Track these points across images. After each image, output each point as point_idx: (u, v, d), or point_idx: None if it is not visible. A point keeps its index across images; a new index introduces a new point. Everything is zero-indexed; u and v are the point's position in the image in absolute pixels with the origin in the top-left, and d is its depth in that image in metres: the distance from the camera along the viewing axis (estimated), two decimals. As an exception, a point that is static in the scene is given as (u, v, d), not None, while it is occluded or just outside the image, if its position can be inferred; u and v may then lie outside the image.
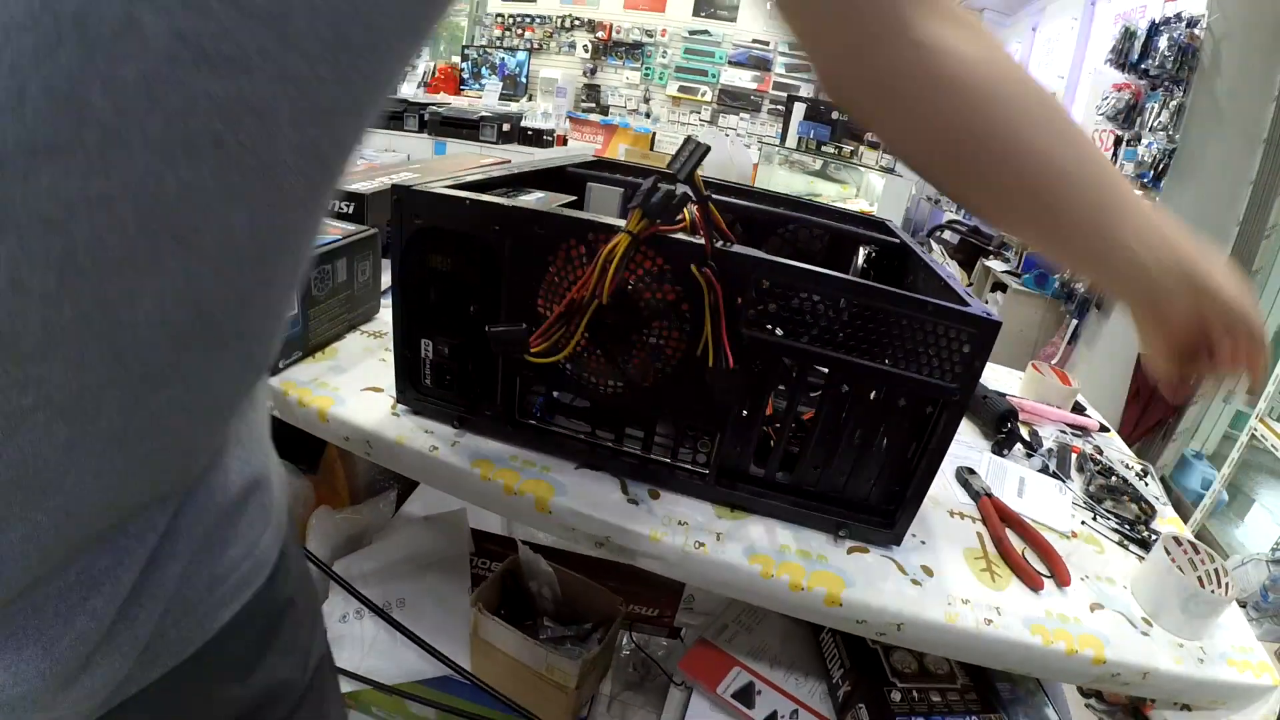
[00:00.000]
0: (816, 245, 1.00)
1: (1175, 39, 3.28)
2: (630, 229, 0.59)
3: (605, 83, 8.53)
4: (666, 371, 0.69)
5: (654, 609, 1.22)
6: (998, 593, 0.75)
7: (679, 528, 0.71)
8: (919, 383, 0.65)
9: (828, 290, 0.64)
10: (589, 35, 8.33)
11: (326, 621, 1.25)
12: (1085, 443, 1.18)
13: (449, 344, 0.76)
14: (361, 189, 1.11)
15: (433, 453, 0.76)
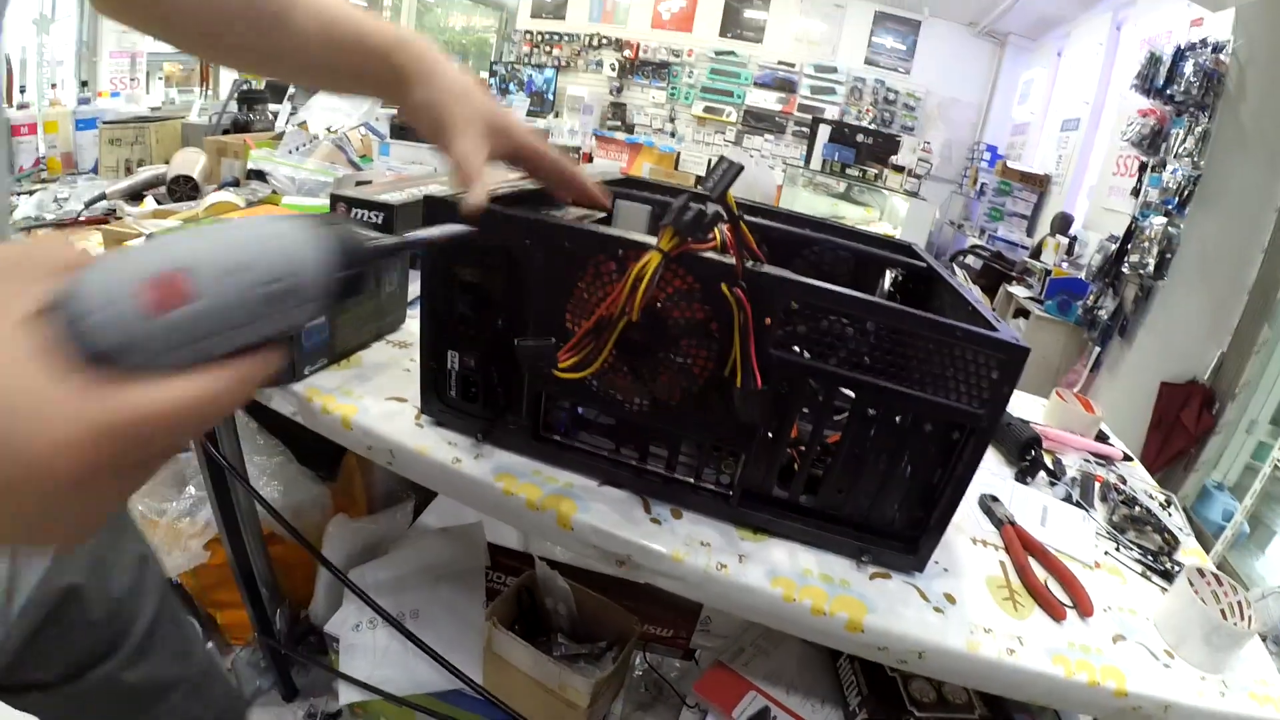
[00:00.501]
0: (842, 268, 1.00)
1: (1201, 64, 3.27)
2: (662, 247, 0.59)
3: (631, 101, 8.60)
4: (693, 390, 0.69)
5: (669, 629, 1.21)
6: (1020, 622, 0.74)
7: (701, 548, 0.71)
8: (946, 408, 0.65)
9: (857, 313, 0.64)
10: (616, 54, 8.41)
11: (340, 630, 1.26)
12: (1109, 472, 1.17)
13: (475, 356, 0.76)
14: (390, 199, 1.11)
15: (456, 465, 0.76)
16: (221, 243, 0.33)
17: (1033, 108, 7.08)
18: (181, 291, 0.30)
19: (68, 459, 0.27)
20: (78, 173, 2.35)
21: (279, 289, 0.34)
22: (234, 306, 0.32)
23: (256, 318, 0.33)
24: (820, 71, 7.97)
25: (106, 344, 0.29)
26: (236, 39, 0.64)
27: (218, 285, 0.31)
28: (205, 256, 0.32)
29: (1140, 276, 3.49)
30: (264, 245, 0.34)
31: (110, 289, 0.29)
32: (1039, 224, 6.05)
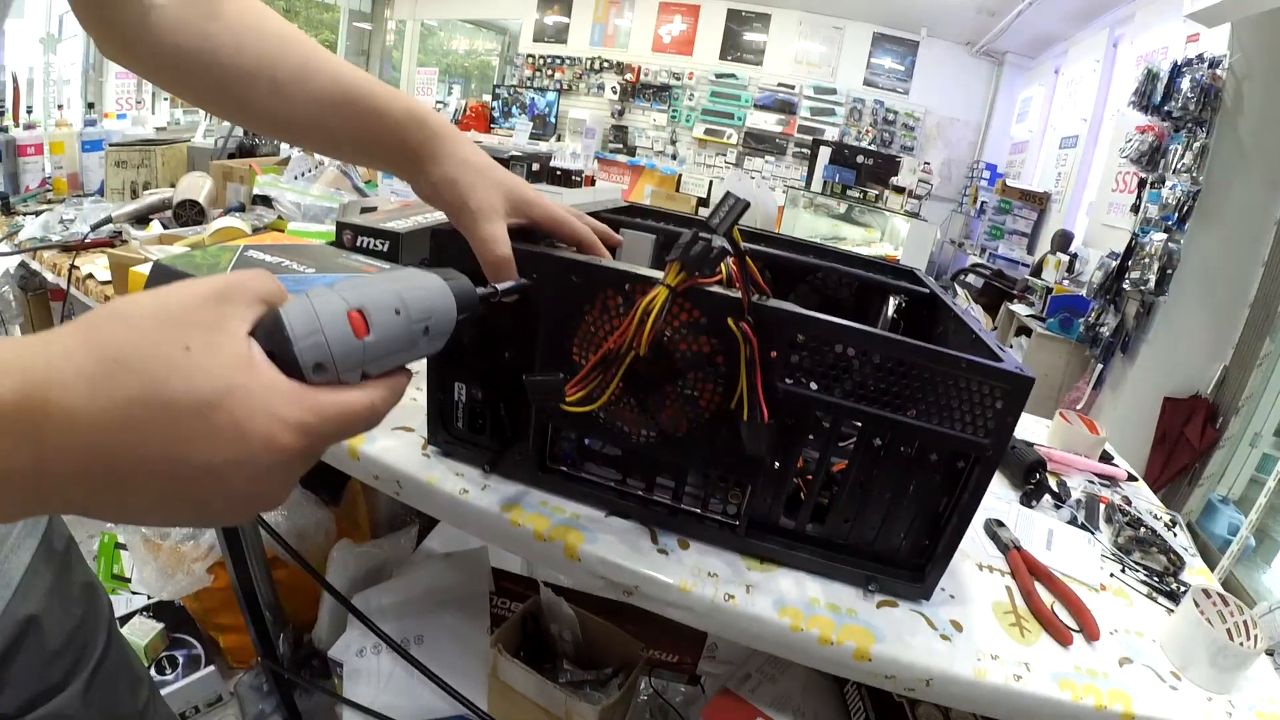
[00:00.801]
0: (845, 293, 1.00)
1: (1198, 80, 3.29)
2: (669, 282, 0.59)
3: (633, 124, 8.68)
4: (699, 422, 0.69)
5: (675, 655, 1.21)
6: (1026, 648, 0.74)
7: (708, 579, 0.71)
8: (952, 438, 0.65)
9: (862, 345, 0.65)
10: (617, 77, 8.49)
11: (343, 655, 1.26)
12: (1113, 493, 1.17)
13: (482, 388, 0.77)
14: (396, 228, 1.12)
15: (463, 495, 0.76)
16: (387, 290, 0.42)
17: (1031, 126, 7.12)
18: (363, 326, 0.40)
19: (288, 438, 0.35)
20: (83, 194, 2.36)
21: (422, 327, 0.44)
22: (396, 338, 0.42)
23: (408, 347, 0.44)
24: (820, 93, 8.05)
25: (313, 362, 0.37)
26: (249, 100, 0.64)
27: (385, 322, 0.41)
28: (378, 300, 0.41)
29: (1141, 293, 3.50)
30: (414, 293, 0.44)
31: (319, 320, 0.38)
32: (1039, 241, 6.07)
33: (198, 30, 0.60)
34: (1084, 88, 5.85)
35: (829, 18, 7.90)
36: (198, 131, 3.16)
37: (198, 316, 0.35)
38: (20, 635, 0.55)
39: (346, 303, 0.39)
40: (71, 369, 0.31)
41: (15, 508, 0.32)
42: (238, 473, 0.34)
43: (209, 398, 0.33)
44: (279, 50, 0.63)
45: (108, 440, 0.31)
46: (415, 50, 10.17)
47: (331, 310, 0.38)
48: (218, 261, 0.93)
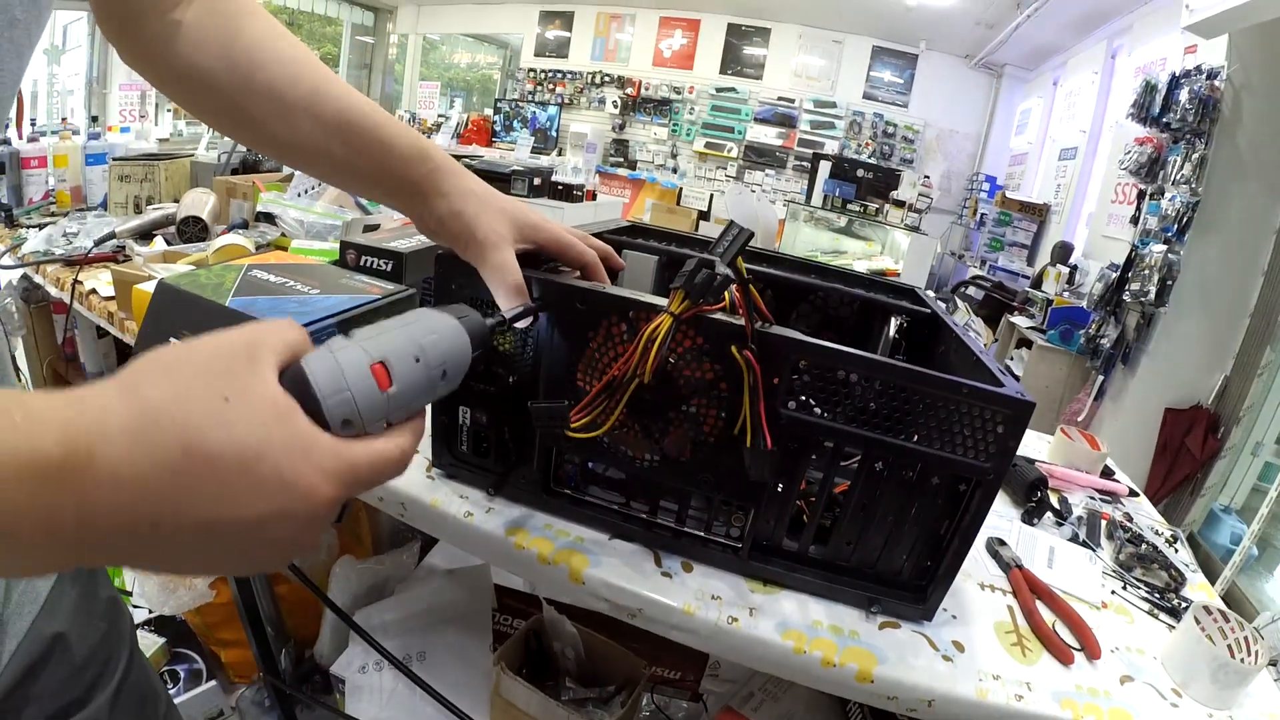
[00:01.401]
0: (846, 312, 1.01)
1: (1196, 91, 3.30)
2: (673, 310, 0.60)
3: (634, 138, 8.72)
4: (703, 447, 0.70)
5: (678, 671, 1.21)
6: (1028, 668, 0.74)
7: (712, 602, 0.72)
8: (953, 462, 0.66)
9: (865, 371, 0.65)
10: (618, 91, 8.54)
11: (346, 671, 1.26)
12: (1115, 509, 1.17)
13: (486, 412, 0.77)
14: (399, 248, 1.13)
15: (467, 518, 0.76)
16: (406, 338, 0.43)
17: (1030, 138, 7.14)
18: (386, 378, 0.41)
19: (328, 488, 0.36)
20: (87, 207, 2.36)
21: (440, 371, 0.46)
22: (417, 386, 0.43)
23: (427, 392, 0.45)
24: (820, 106, 8.08)
25: (341, 418, 0.38)
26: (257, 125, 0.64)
27: (406, 371, 0.42)
28: (398, 351, 0.42)
29: (1142, 304, 3.50)
30: (431, 338, 0.45)
31: (344, 377, 0.39)
32: (1039, 253, 6.08)
33: (215, 50, 0.61)
34: (1082, 99, 5.88)
35: (828, 32, 7.94)
36: (200, 144, 3.18)
37: (233, 367, 0.36)
38: (47, 651, 0.55)
39: (369, 355, 0.40)
40: (113, 422, 0.31)
41: (60, 560, 0.32)
42: (281, 523, 0.35)
43: (253, 449, 0.34)
44: (291, 76, 0.63)
45: (152, 495, 0.32)
46: (417, 64, 10.21)
47: (356, 366, 0.39)
48: (222, 281, 0.94)
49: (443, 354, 0.46)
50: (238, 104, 0.63)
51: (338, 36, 9.55)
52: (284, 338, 0.39)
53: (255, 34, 0.63)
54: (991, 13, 6.28)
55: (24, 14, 0.45)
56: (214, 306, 0.88)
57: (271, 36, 0.64)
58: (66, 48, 6.06)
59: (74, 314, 1.63)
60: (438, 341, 0.45)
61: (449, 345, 0.47)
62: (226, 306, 0.87)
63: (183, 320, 0.90)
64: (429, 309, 0.49)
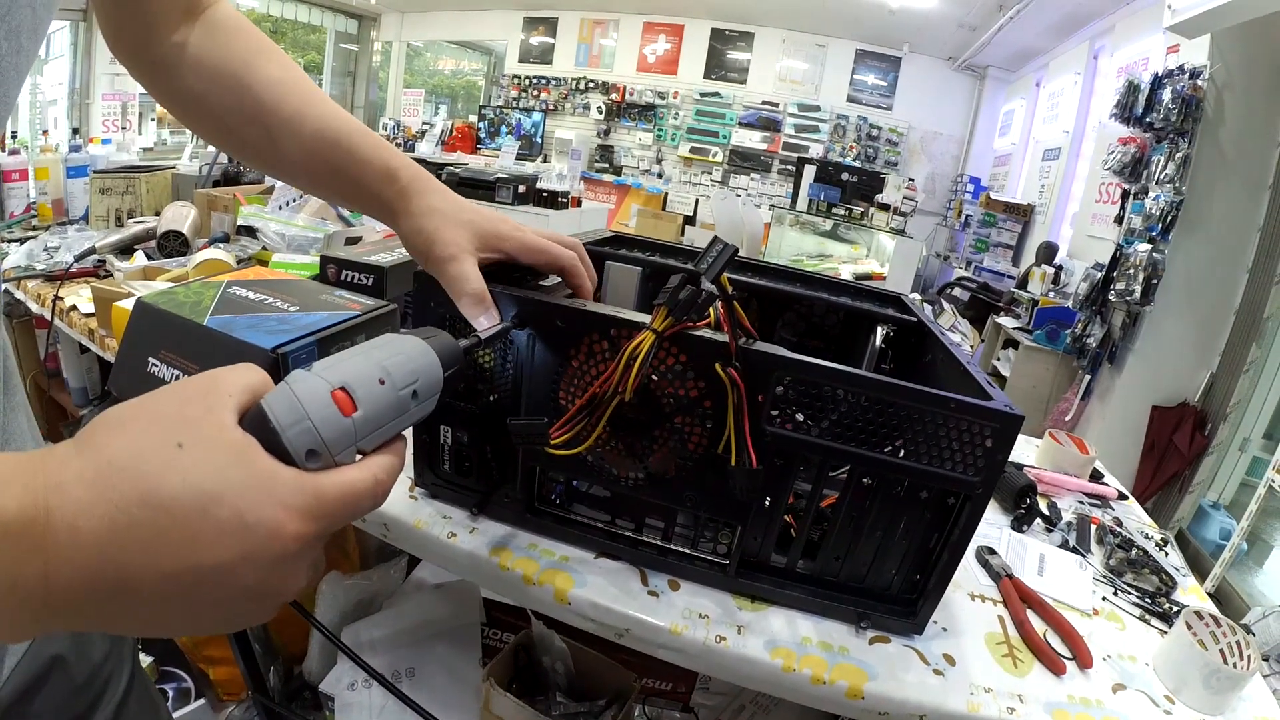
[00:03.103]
0: (831, 320, 1.00)
1: (1178, 91, 3.32)
2: (655, 326, 0.59)
3: (619, 143, 8.73)
4: (688, 465, 0.69)
5: (669, 683, 1.20)
6: (1020, 679, 0.73)
7: (700, 620, 0.71)
8: (941, 476, 0.65)
9: (850, 387, 0.64)
10: (603, 97, 8.54)
11: (335, 688, 1.24)
12: (1104, 513, 1.17)
13: (468, 430, 0.76)
14: (380, 262, 1.12)
15: (451, 539, 0.75)
16: (367, 361, 0.42)
17: (1014, 139, 7.18)
18: (350, 403, 0.39)
19: (287, 535, 0.34)
20: (68, 221, 2.34)
21: (410, 392, 0.44)
22: (385, 409, 0.42)
23: (399, 415, 0.43)
24: (804, 110, 8.11)
25: (303, 449, 0.37)
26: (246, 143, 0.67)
27: (371, 395, 0.40)
28: (360, 374, 0.40)
29: (1127, 303, 3.52)
30: (396, 359, 0.44)
31: (303, 406, 0.37)
32: (1024, 254, 6.10)
33: (209, 73, 0.64)
34: (1065, 100, 5.91)
35: (812, 35, 7.97)
36: (184, 153, 3.15)
37: (188, 414, 0.35)
38: (46, 672, 0.54)
39: (328, 383, 0.39)
40: (70, 476, 0.31)
41: (28, 624, 0.31)
42: (249, 567, 0.34)
43: (209, 492, 0.33)
44: (276, 99, 0.65)
45: (113, 548, 0.31)
46: (401, 71, 10.19)
47: (314, 393, 0.38)
48: (200, 299, 0.93)
49: (411, 374, 0.44)
50: (229, 126, 0.66)
51: (322, 44, 9.52)
52: (242, 381, 0.38)
53: (246, 57, 0.65)
54: (974, 15, 6.31)
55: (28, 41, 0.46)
56: (192, 326, 0.86)
57: (262, 60, 0.66)
58: (49, 57, 6.01)
59: (55, 330, 1.61)
60: (404, 362, 0.44)
61: (417, 365, 0.45)
62: (204, 326, 0.86)
63: (161, 339, 0.89)
64: (396, 334, 0.48)
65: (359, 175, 0.67)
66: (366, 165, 0.67)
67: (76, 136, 2.99)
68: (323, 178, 0.69)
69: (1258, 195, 3.25)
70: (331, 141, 0.66)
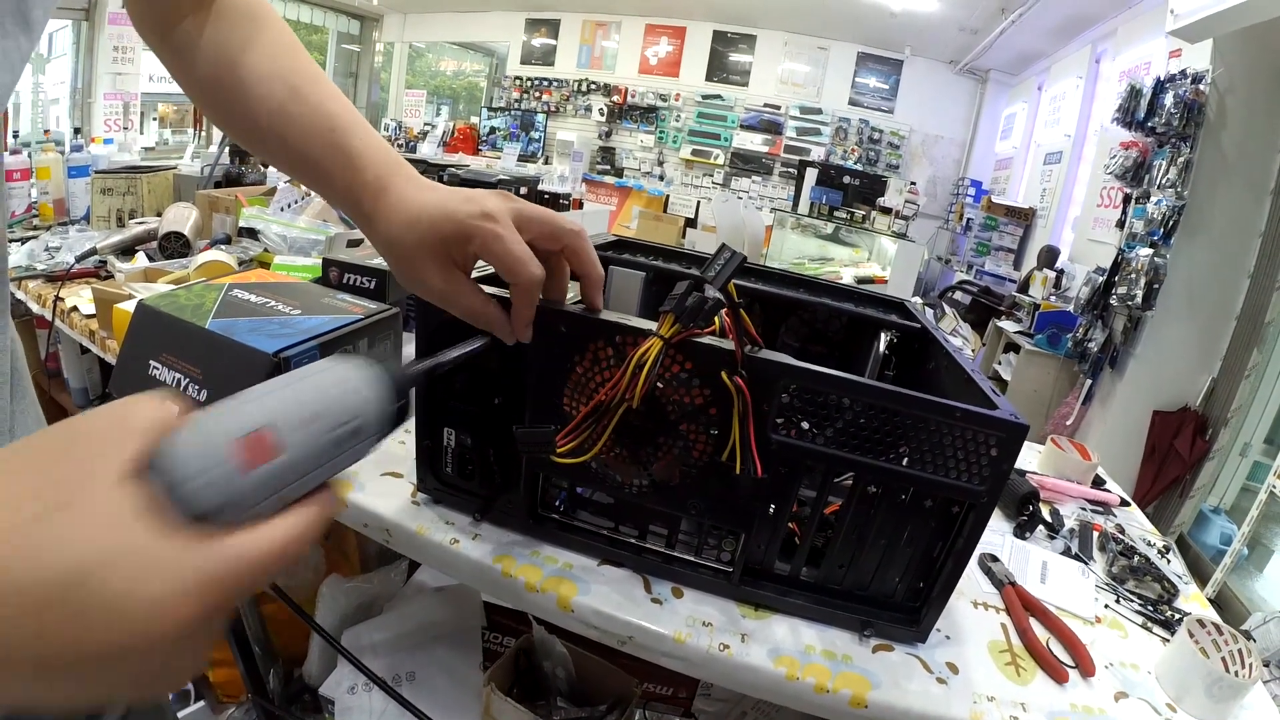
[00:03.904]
0: (835, 325, 1.00)
1: (1181, 95, 3.32)
2: (662, 333, 0.59)
3: (620, 145, 8.73)
4: (692, 472, 0.69)
5: (670, 688, 1.20)
6: (1022, 688, 0.73)
7: (703, 628, 0.70)
8: (946, 485, 0.65)
9: (856, 396, 0.64)
10: (605, 99, 8.54)
11: (335, 692, 1.24)
12: (1106, 520, 1.17)
13: (471, 435, 0.76)
14: (383, 264, 1.11)
15: (454, 545, 0.75)
16: (295, 396, 0.36)
17: (1015, 142, 7.18)
18: (268, 448, 0.33)
19: (174, 615, 0.29)
20: (70, 221, 2.34)
21: (347, 431, 0.38)
22: (313, 454, 0.36)
23: (330, 459, 0.37)
24: (805, 113, 8.11)
25: (204, 506, 0.31)
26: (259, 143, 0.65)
27: (297, 437, 0.35)
28: (283, 411, 0.35)
29: (1129, 307, 3.52)
30: (329, 393, 0.38)
31: (204, 454, 0.32)
32: (1025, 257, 6.10)
33: (220, 60, 0.62)
34: (1067, 104, 5.91)
35: (814, 38, 7.97)
36: (186, 153, 3.16)
37: (67, 468, 0.30)
38: None
39: (246, 423, 0.33)
40: None
41: None
42: (133, 654, 0.29)
43: (79, 573, 0.28)
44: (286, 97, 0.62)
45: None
46: (403, 72, 10.20)
47: (225, 438, 0.32)
48: (202, 302, 0.92)
49: (347, 411, 0.38)
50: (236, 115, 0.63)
51: (324, 45, 9.53)
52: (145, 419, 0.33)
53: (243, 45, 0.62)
54: (976, 18, 6.32)
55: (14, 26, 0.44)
56: (194, 329, 0.86)
57: (253, 50, 0.63)
58: (51, 56, 6.01)
59: (56, 331, 1.61)
60: (339, 397, 0.38)
61: (355, 398, 0.39)
62: (206, 329, 0.86)
63: (163, 342, 0.89)
64: (335, 359, 0.41)
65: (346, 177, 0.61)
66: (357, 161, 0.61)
67: (78, 136, 3.00)
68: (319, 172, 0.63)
69: (1259, 200, 3.26)
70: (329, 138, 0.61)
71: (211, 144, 3.60)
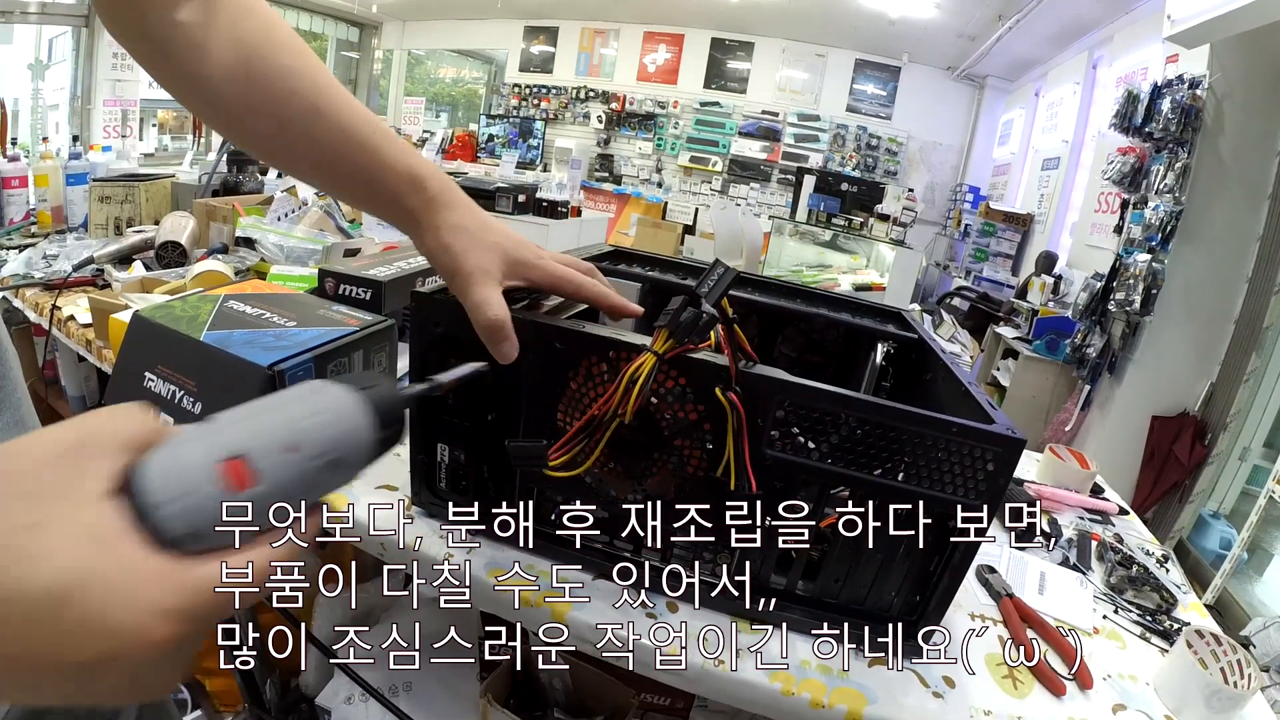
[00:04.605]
0: (832, 335, 1.00)
1: (1178, 101, 3.32)
2: (656, 348, 0.59)
3: (618, 152, 8.74)
4: (687, 488, 0.69)
5: (667, 699, 1.19)
6: (1020, 701, 0.73)
7: (698, 643, 0.70)
8: (942, 500, 0.65)
9: (850, 412, 0.64)
10: (603, 106, 8.56)
11: (331, 702, 1.24)
12: (1105, 529, 1.16)
13: (465, 450, 0.76)
14: (379, 275, 1.12)
15: (448, 559, 0.75)
16: (274, 423, 0.36)
17: (1013, 148, 7.19)
18: (244, 476, 0.33)
19: (163, 628, 0.30)
20: (68, 228, 2.35)
21: (325, 462, 0.37)
22: (292, 482, 0.35)
23: (310, 488, 0.36)
24: (803, 119, 8.13)
25: (178, 531, 0.32)
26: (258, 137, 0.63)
27: (275, 465, 0.34)
28: (262, 439, 0.35)
29: (1127, 313, 3.52)
30: (312, 421, 0.37)
31: (180, 480, 0.32)
32: (1024, 263, 6.10)
33: (215, 57, 0.59)
34: (1064, 110, 5.91)
35: (811, 45, 7.98)
36: (185, 159, 3.16)
37: (47, 481, 0.31)
38: None
39: (222, 449, 0.33)
40: None
41: None
42: (112, 669, 0.30)
43: (60, 591, 0.29)
44: (288, 91, 0.60)
45: None
46: (402, 79, 10.21)
47: (200, 464, 0.33)
48: (197, 314, 0.92)
49: (328, 441, 0.37)
50: (236, 115, 0.61)
51: (323, 52, 9.54)
52: (123, 435, 0.33)
53: (255, 41, 0.60)
54: (973, 25, 6.33)
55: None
56: (189, 341, 0.86)
57: (272, 46, 0.61)
58: (51, 62, 6.02)
59: (52, 339, 1.61)
60: (323, 424, 0.37)
61: (338, 428, 0.38)
62: (201, 341, 0.85)
63: (158, 354, 0.89)
64: (325, 382, 0.40)
65: (379, 179, 0.63)
66: (389, 169, 0.63)
67: (77, 144, 3.00)
68: (338, 177, 0.65)
69: (1257, 205, 3.26)
70: (354, 141, 0.62)
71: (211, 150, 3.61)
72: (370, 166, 0.63)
